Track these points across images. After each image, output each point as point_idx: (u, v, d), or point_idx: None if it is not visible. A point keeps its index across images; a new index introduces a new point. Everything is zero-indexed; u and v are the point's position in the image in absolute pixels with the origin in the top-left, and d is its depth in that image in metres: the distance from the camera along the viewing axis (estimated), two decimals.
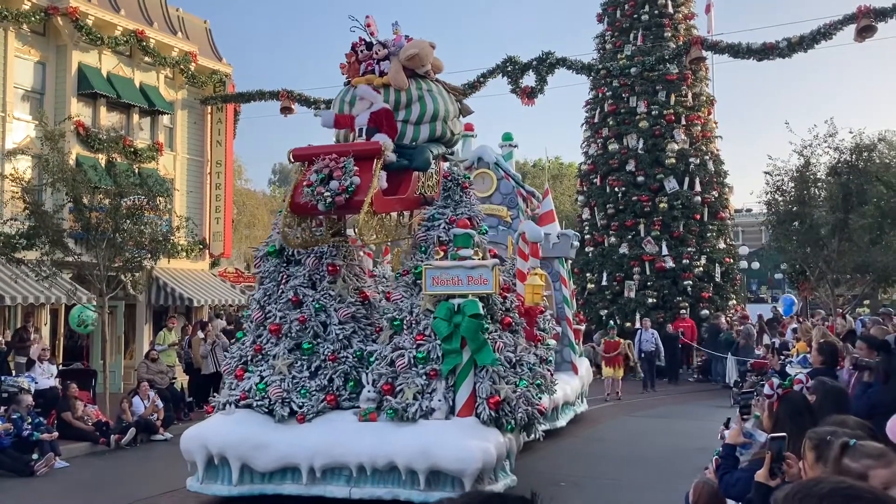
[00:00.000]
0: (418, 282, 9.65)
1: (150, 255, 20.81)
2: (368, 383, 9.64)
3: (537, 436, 10.45)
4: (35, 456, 13.55)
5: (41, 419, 14.58)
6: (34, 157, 23.94)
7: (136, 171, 24.58)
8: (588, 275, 28.92)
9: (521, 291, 13.15)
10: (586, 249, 29.01)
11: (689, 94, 28.66)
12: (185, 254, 25.91)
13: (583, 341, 25.58)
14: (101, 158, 25.17)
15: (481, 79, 25.90)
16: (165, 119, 27.53)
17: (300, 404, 9.69)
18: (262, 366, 10.00)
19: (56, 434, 14.64)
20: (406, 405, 9.32)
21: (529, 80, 25.81)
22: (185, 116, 28.27)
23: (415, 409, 9.31)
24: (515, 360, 9.82)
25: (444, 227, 9.86)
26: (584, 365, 18.20)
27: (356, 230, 9.27)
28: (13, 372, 18.54)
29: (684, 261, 27.24)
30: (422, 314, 9.61)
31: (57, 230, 22.08)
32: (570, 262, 18.44)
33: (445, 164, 10.99)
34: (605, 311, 27.90)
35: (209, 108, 29.06)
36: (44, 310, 25.06)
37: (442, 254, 9.81)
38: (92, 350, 25.35)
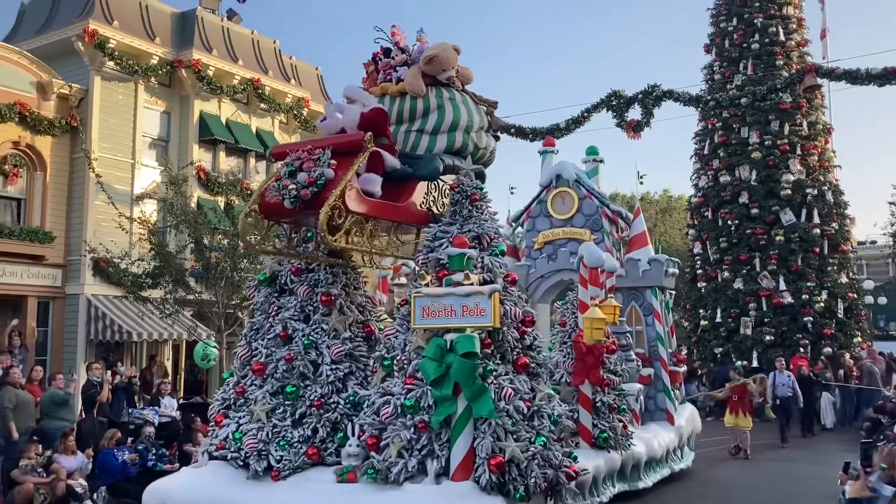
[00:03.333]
0: None
1: None
2: (353, 435, 7.30)
3: None
4: None
5: (164, 450, 13.47)
6: (159, 201, 23.23)
7: None
8: (701, 311, 25.50)
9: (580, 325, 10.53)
10: (699, 285, 25.70)
11: (805, 123, 25.01)
12: None
13: (695, 381, 22.40)
14: (221, 201, 24.25)
15: (585, 114, 23.39)
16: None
17: (278, 458, 7.45)
18: (242, 411, 7.84)
19: (178, 465, 13.37)
20: (389, 464, 6.93)
21: (635, 113, 23.16)
22: None
23: (399, 470, 6.84)
24: (533, 411, 7.20)
25: (448, 248, 7.44)
26: (684, 413, 14.31)
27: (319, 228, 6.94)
28: (138, 405, 17.70)
29: (804, 296, 23.45)
30: (413, 352, 7.22)
31: (179, 269, 21.13)
32: (668, 292, 14.85)
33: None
34: (720, 349, 24.42)
35: None
36: (166, 346, 24.12)
37: (429, 279, 7.45)
38: (210, 384, 24.16)
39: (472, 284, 6.78)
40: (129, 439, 13.82)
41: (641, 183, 14.85)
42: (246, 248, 7.60)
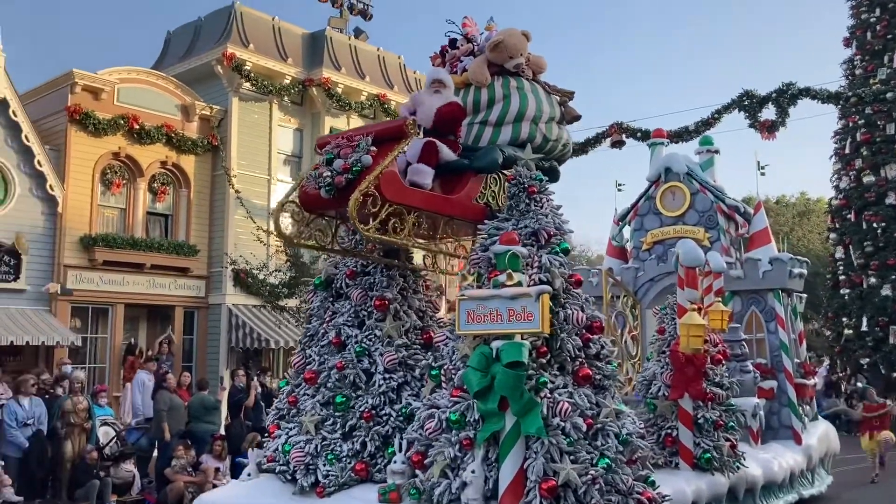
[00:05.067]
0: None
1: None
2: (401, 450, 6.42)
3: None
4: None
5: None
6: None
7: None
8: (844, 319, 23.06)
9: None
10: (842, 291, 23.29)
11: None
12: None
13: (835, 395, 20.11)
14: None
15: (716, 115, 21.73)
16: None
17: (325, 472, 6.67)
18: (293, 422, 7.12)
19: None
20: (433, 485, 5.99)
21: (769, 113, 21.33)
22: None
23: (441, 491, 5.88)
24: (596, 429, 6.07)
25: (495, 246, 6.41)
26: (815, 432, 12.39)
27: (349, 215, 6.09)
28: None
29: None
30: (459, 361, 6.26)
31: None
32: (794, 296, 13.02)
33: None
34: (867, 359, 21.94)
35: None
36: None
37: (470, 279, 6.46)
38: None
39: (516, 285, 5.74)
40: None
41: (763, 174, 13.13)
42: (282, 241, 6.85)
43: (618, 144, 22.41)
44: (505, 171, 7.18)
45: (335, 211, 6.91)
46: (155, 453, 14.83)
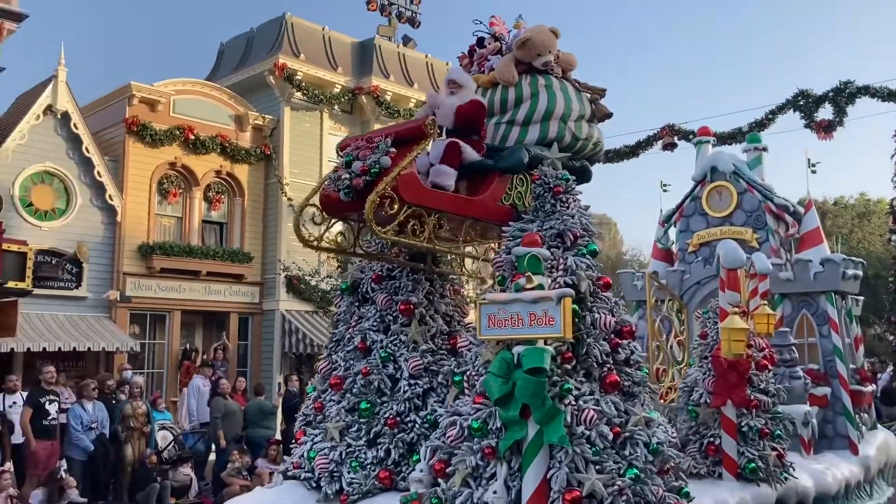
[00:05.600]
0: None
1: None
2: (424, 458, 6.20)
3: None
4: None
5: None
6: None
7: None
8: None
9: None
10: None
11: None
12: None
13: None
14: None
15: (770, 116, 21.03)
16: None
17: (349, 480, 6.49)
18: (319, 429, 6.95)
19: None
20: (454, 494, 5.75)
21: (825, 112, 20.60)
22: None
23: (463, 501, 5.64)
24: (625, 438, 5.75)
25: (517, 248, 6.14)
26: (874, 441, 11.63)
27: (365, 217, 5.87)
28: None
29: None
30: (482, 367, 6.01)
31: None
32: (850, 299, 12.32)
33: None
34: None
35: None
36: None
37: (490, 283, 6.20)
38: None
39: (537, 288, 5.46)
40: None
41: (814, 171, 12.49)
42: (302, 244, 6.68)
43: (670, 147, 21.91)
44: (531, 171, 6.91)
45: (356, 214, 6.72)
46: (212, 457, 14.93)
